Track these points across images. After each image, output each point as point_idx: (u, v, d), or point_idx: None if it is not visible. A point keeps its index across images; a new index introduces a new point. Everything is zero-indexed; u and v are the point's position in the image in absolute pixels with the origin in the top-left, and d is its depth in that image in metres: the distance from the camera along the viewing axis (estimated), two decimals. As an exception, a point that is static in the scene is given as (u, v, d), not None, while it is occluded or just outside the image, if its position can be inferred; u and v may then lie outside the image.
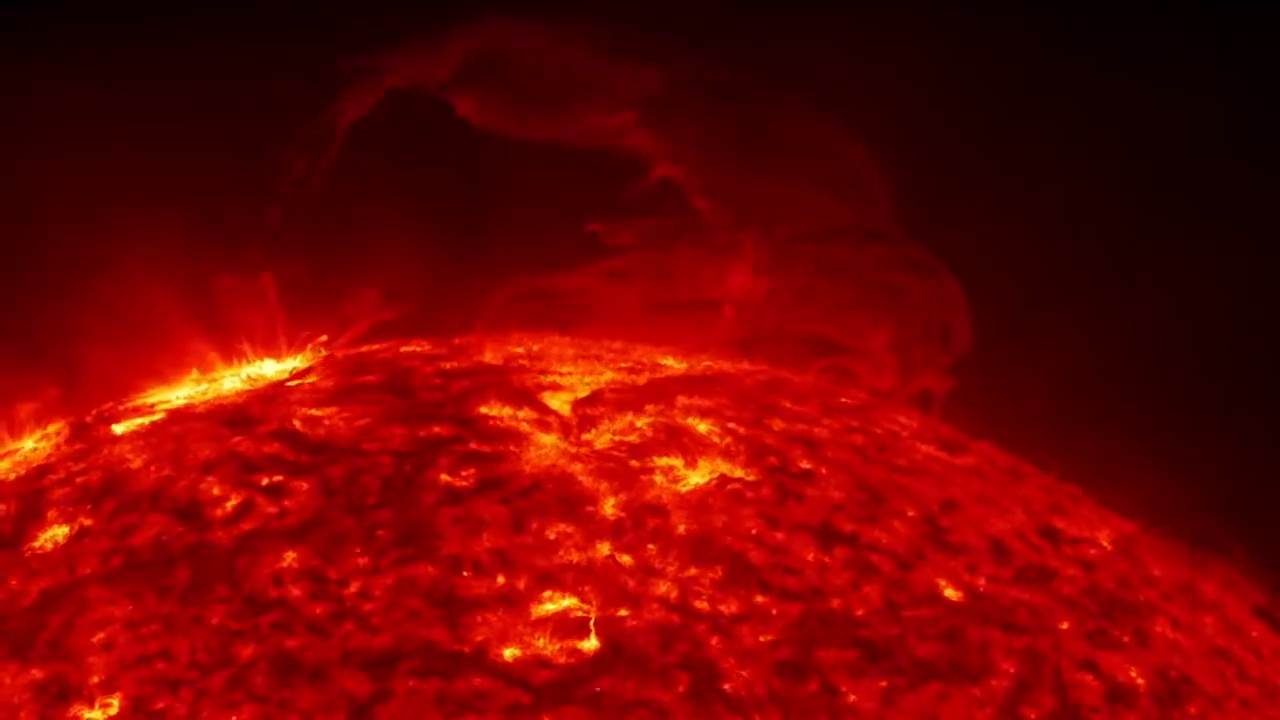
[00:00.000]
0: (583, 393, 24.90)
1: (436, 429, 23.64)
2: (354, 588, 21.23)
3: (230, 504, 22.48)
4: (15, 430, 25.63)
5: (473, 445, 23.25)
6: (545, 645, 20.84)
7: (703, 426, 24.22)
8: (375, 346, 27.21)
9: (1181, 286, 31.82)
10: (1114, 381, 31.01)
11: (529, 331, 28.04)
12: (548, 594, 21.31)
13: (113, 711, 20.39)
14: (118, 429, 24.73)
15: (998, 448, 26.66)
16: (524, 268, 31.07)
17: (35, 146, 30.35)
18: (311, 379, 25.44)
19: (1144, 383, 31.21)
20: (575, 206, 32.27)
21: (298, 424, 23.89)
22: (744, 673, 20.79)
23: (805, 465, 23.96)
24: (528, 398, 24.41)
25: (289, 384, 25.41)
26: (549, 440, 23.59)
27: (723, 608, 21.46)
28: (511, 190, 32.51)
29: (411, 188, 31.55)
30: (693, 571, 21.79)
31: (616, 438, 23.76)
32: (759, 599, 21.64)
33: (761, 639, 21.20)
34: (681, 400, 24.75)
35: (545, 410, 24.21)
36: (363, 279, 29.15)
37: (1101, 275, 32.35)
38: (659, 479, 23.04)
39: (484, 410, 24.09)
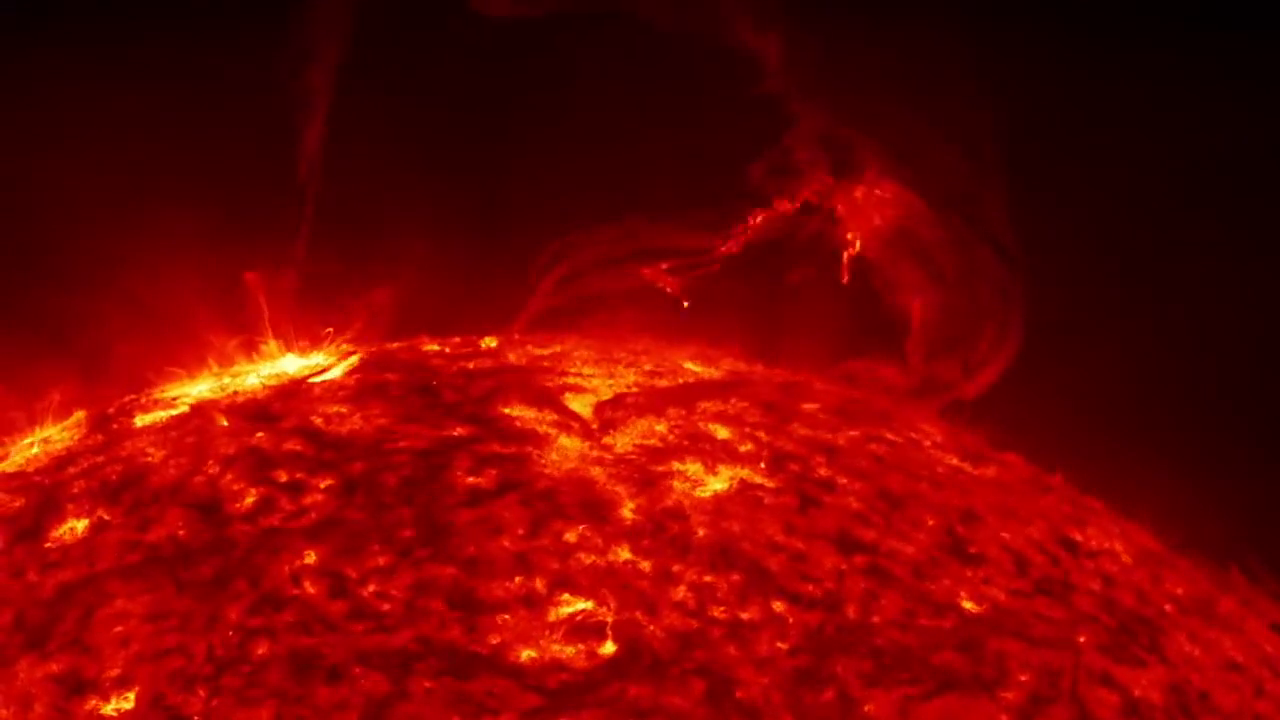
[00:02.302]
0: (604, 395, 24.90)
1: (458, 429, 23.64)
2: (372, 587, 21.23)
3: (249, 500, 22.50)
4: (37, 421, 25.68)
5: (494, 446, 23.25)
6: (562, 648, 20.83)
7: (723, 432, 24.19)
8: (398, 344, 27.20)
9: (1212, 300, 31.75)
10: (1139, 395, 30.97)
11: (552, 331, 28.04)
12: (566, 597, 21.30)
13: (129, 706, 20.39)
14: (139, 422, 24.77)
15: (1020, 458, 26.64)
16: (548, 263, 31.03)
17: (61, 140, 30.44)
18: (333, 376, 25.46)
19: (1169, 397, 31.16)
20: (603, 196, 32.29)
21: (319, 421, 23.91)
22: (760, 680, 20.77)
23: (825, 472, 23.94)
24: (549, 399, 24.40)
25: (311, 380, 25.42)
26: (570, 443, 23.57)
27: (740, 614, 21.43)
28: (536, 181, 32.53)
29: (435, 182, 31.56)
30: (710, 578, 21.77)
31: (637, 441, 23.74)
32: (777, 606, 21.61)
33: (779, 646, 21.18)
34: (703, 405, 24.72)
35: (567, 412, 24.20)
36: (387, 276, 29.13)
37: (1131, 288, 32.29)
38: (679, 484, 23.01)
39: (505, 411, 24.09)
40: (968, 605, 22.36)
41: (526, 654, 20.71)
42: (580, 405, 24.53)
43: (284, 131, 30.38)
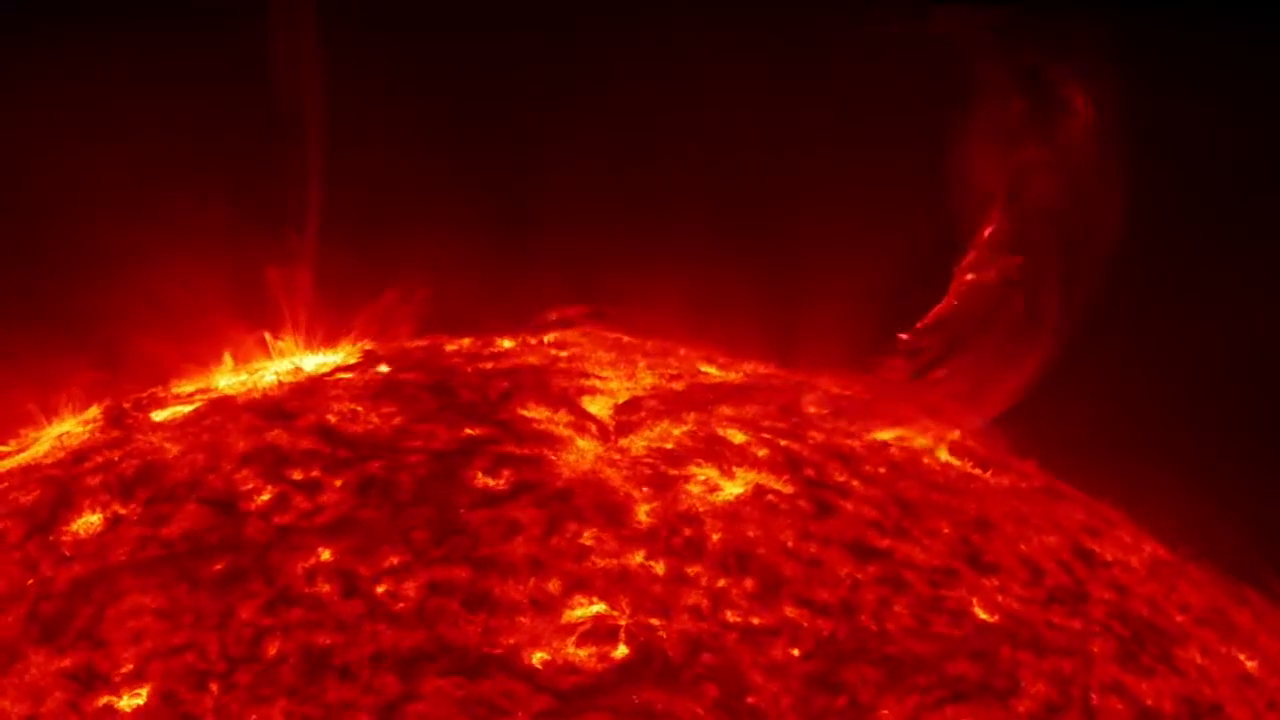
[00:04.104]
0: (622, 398, 24.88)
1: (474, 429, 23.64)
2: (386, 586, 21.26)
3: (265, 497, 22.51)
4: (53, 414, 25.68)
5: (509, 447, 23.25)
6: (575, 651, 20.84)
7: (740, 437, 24.20)
8: (417, 343, 27.22)
9: (1233, 310, 31.64)
10: (1156, 404, 30.87)
11: (570, 331, 28.01)
12: (579, 599, 21.31)
13: (141, 702, 20.42)
14: (155, 417, 24.78)
15: (1036, 467, 26.63)
16: (568, 263, 31.02)
17: (78, 136, 30.45)
18: (351, 374, 25.48)
19: (1187, 407, 31.05)
20: (624, 196, 32.27)
21: (335, 419, 23.91)
22: (773, 686, 20.76)
23: (841, 478, 23.94)
24: (566, 401, 24.40)
25: (328, 378, 25.44)
26: (586, 445, 23.58)
27: (754, 620, 21.44)
28: (557, 181, 32.50)
29: (456, 182, 31.54)
30: (724, 582, 21.78)
31: (654, 445, 23.74)
32: (790, 612, 21.62)
33: (791, 652, 21.18)
34: (720, 409, 24.75)
35: (583, 414, 24.21)
36: (405, 274, 29.12)
37: (1149, 296, 32.18)
38: (695, 488, 23.01)
39: (522, 412, 24.10)
40: (981, 614, 22.35)
41: (539, 656, 20.72)
42: (597, 407, 24.54)
43: (304, 128, 30.38)
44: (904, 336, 29.48)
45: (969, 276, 29.85)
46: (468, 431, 23.60)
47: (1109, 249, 29.78)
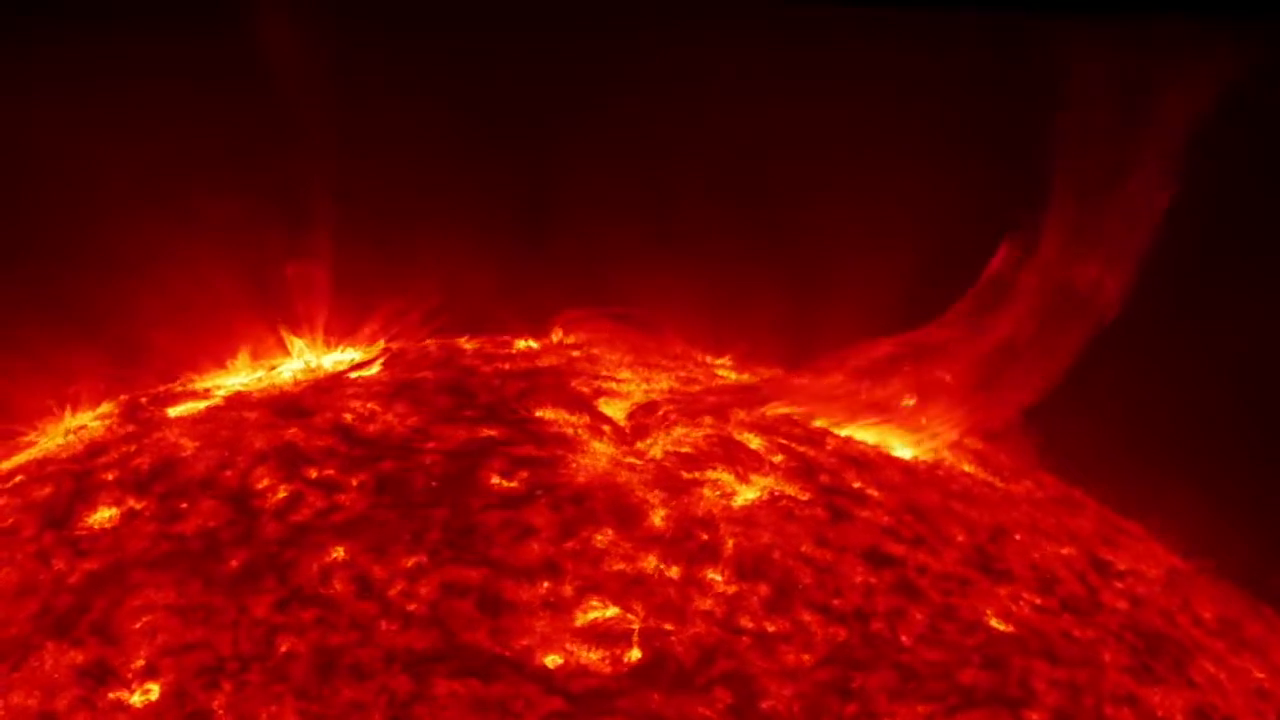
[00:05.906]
0: (639, 400, 24.88)
1: (490, 430, 23.62)
2: (399, 587, 21.23)
3: (280, 495, 22.50)
4: (69, 408, 25.66)
5: (525, 449, 23.23)
6: (587, 654, 20.81)
7: (756, 441, 24.17)
8: (434, 343, 27.19)
9: (1255, 323, 31.58)
10: (1173, 415, 30.83)
11: (588, 333, 27.96)
12: (593, 602, 21.28)
13: (152, 698, 20.40)
14: (172, 412, 24.77)
15: (1052, 476, 26.60)
16: (587, 264, 31.00)
17: (98, 130, 30.46)
18: (368, 373, 25.47)
19: (1203, 418, 31.00)
20: (644, 197, 32.26)
21: (351, 418, 23.90)
22: (785, 692, 20.73)
23: (857, 485, 23.90)
24: (583, 403, 24.39)
25: (345, 376, 25.44)
26: (601, 447, 23.56)
27: (767, 625, 21.40)
28: (578, 182, 32.49)
29: (476, 181, 31.56)
30: (738, 587, 21.74)
31: (670, 448, 23.71)
32: (804, 618, 21.58)
33: (805, 658, 21.14)
34: (737, 413, 24.73)
35: (600, 416, 24.19)
36: (424, 273, 29.11)
37: (1167, 304, 32.08)
38: (710, 492, 22.97)
39: (539, 414, 24.09)
40: (995, 623, 22.28)
41: (551, 659, 20.70)
42: (614, 410, 24.52)
43: (321, 126, 30.44)
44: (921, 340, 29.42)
45: (989, 282, 29.72)
46: (484, 432, 23.59)
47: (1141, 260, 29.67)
